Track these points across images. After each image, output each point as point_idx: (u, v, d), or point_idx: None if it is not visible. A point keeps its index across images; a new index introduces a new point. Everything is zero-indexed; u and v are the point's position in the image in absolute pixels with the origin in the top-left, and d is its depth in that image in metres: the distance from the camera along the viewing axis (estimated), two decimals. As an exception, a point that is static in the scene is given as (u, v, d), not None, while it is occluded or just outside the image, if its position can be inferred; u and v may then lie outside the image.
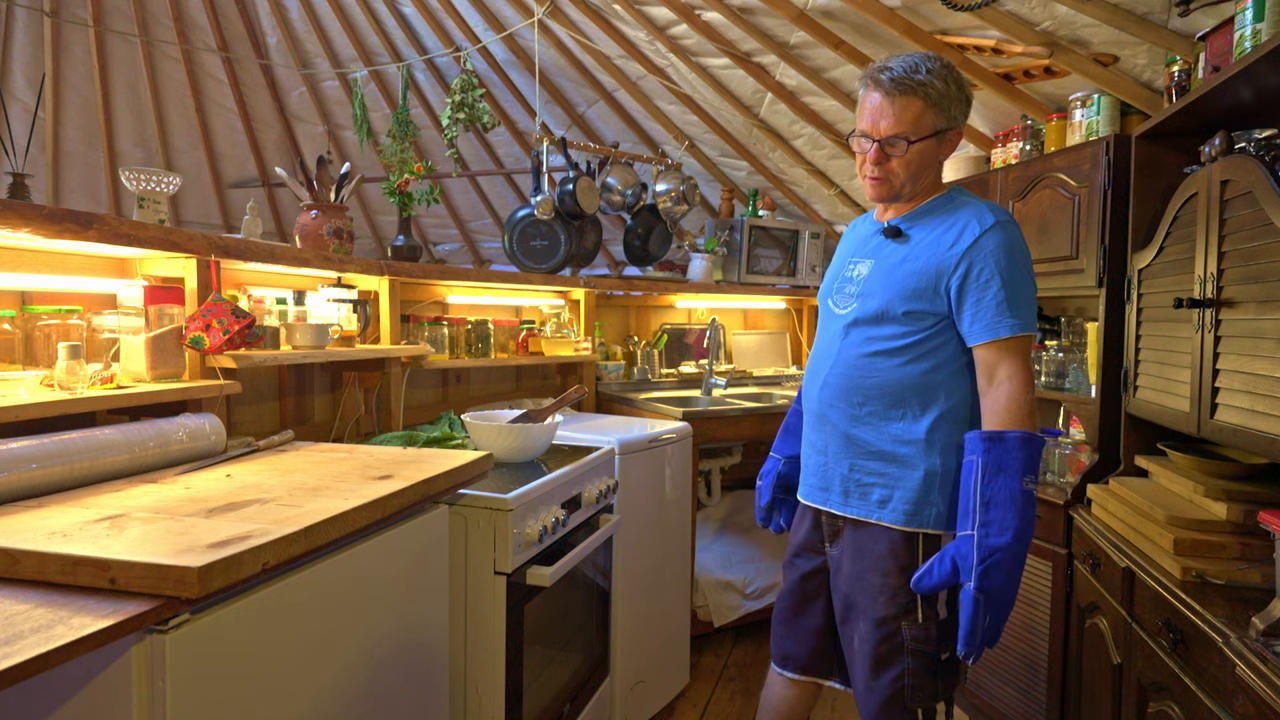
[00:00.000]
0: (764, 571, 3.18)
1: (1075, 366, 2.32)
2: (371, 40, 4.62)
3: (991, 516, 1.26)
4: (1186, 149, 1.87)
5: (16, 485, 1.20)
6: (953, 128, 1.45)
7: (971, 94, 1.49)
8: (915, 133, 1.42)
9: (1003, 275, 1.37)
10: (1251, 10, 1.56)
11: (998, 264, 1.37)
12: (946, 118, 1.43)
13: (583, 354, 2.97)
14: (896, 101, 1.41)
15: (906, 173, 1.45)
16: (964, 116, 1.47)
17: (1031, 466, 1.30)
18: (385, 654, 1.32)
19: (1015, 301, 1.37)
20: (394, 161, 2.88)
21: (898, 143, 1.42)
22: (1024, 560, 1.27)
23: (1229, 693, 1.21)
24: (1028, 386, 1.35)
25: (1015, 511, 1.26)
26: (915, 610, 1.42)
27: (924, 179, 1.49)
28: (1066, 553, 2.09)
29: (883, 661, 1.45)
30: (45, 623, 0.84)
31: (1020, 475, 1.27)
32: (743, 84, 3.35)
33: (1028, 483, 1.28)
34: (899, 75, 1.40)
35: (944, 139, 1.46)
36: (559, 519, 1.82)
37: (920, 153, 1.44)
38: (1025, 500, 1.27)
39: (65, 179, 4.87)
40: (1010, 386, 1.35)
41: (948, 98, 1.41)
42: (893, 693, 1.44)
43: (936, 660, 1.44)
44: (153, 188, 1.92)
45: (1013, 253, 1.38)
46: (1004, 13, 2.25)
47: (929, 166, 1.47)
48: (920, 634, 1.43)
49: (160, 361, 1.60)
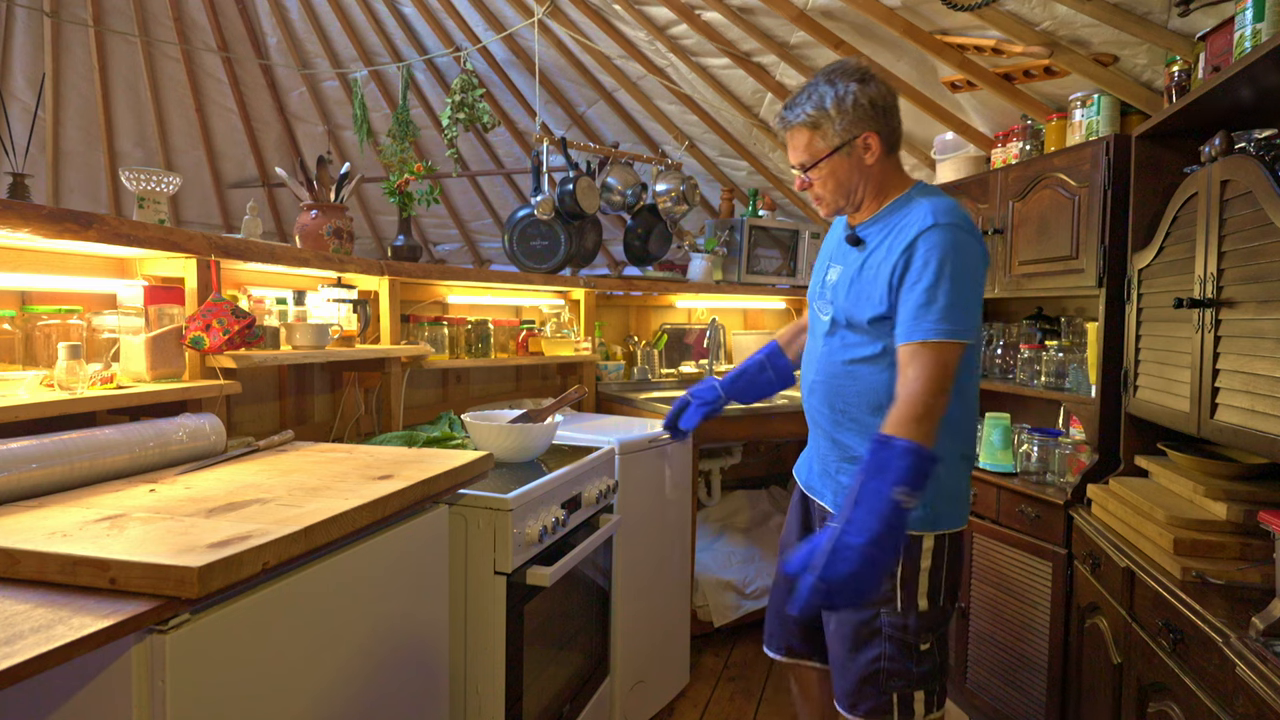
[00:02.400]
0: (764, 571, 3.18)
1: (1075, 366, 2.32)
2: (371, 40, 4.62)
3: (855, 515, 1.24)
4: (1186, 149, 1.87)
5: (16, 485, 1.20)
6: (857, 136, 1.45)
7: (881, 93, 1.46)
8: (811, 158, 1.49)
9: (932, 277, 1.34)
10: (1251, 10, 1.56)
11: (927, 265, 1.35)
12: (839, 133, 1.45)
13: (583, 354, 2.97)
14: (789, 136, 1.52)
15: (832, 190, 1.50)
16: (871, 119, 1.45)
17: (909, 479, 1.24)
18: (385, 654, 1.32)
19: (939, 306, 1.32)
20: (394, 161, 2.88)
21: (804, 170, 1.51)
22: (879, 566, 1.22)
23: (1229, 693, 1.21)
24: (931, 393, 1.30)
25: (877, 517, 1.22)
26: (895, 599, 1.47)
27: (862, 188, 1.50)
28: (1066, 553, 2.09)
29: (860, 644, 1.49)
30: (45, 623, 0.84)
31: (893, 484, 1.24)
32: (743, 84, 3.35)
33: (899, 493, 1.23)
34: (783, 114, 1.50)
35: (854, 149, 1.46)
36: (559, 519, 1.82)
37: (831, 171, 1.48)
38: (892, 509, 1.23)
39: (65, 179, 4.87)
40: (912, 389, 1.32)
41: (832, 115, 1.44)
42: (869, 673, 1.49)
43: (914, 648, 1.47)
44: (153, 188, 1.92)
45: (948, 256, 1.34)
46: (1004, 13, 2.25)
47: (857, 177, 1.49)
48: (899, 621, 1.47)
49: (160, 361, 1.60)
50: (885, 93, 1.46)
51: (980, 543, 2.41)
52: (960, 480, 1.53)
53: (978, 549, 2.42)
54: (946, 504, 1.49)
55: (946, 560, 1.50)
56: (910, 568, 1.47)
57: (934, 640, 1.49)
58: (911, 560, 1.47)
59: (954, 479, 1.50)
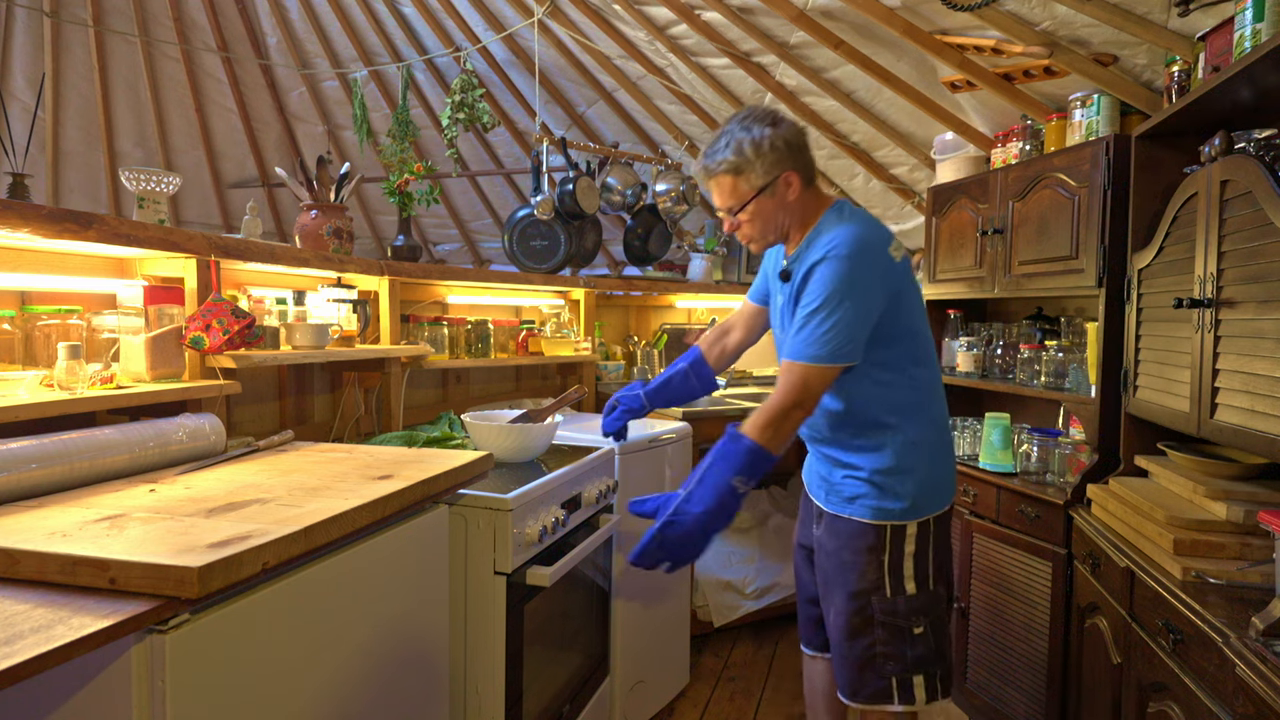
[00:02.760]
0: (764, 571, 3.18)
1: (1075, 366, 2.32)
2: (371, 40, 4.62)
3: (696, 491, 1.42)
4: (1186, 149, 1.87)
5: (16, 485, 1.20)
6: (778, 175, 1.54)
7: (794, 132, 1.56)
8: (739, 201, 1.58)
9: (813, 305, 1.46)
10: (1251, 10, 1.56)
11: (813, 294, 1.46)
12: (761, 174, 1.54)
13: (583, 354, 2.97)
14: (712, 184, 1.61)
15: (760, 229, 1.61)
16: (789, 158, 1.54)
17: (749, 472, 1.43)
18: (385, 654, 1.32)
19: (811, 332, 1.45)
20: (394, 161, 2.88)
21: (732, 213, 1.60)
22: (706, 535, 1.42)
23: (1229, 693, 1.21)
24: (786, 407, 1.44)
25: (715, 496, 1.41)
26: (884, 586, 1.56)
27: (787, 222, 1.60)
28: (1066, 553, 2.09)
29: (855, 631, 1.58)
30: (45, 623, 0.84)
31: (734, 473, 1.42)
32: (743, 84, 3.35)
33: (737, 481, 1.42)
34: (704, 163, 1.61)
35: (776, 188, 1.55)
36: (559, 519, 1.82)
37: (758, 211, 1.58)
38: (729, 492, 1.42)
39: (65, 179, 4.87)
40: (773, 400, 1.46)
41: (754, 160, 1.53)
42: (865, 659, 1.57)
43: (908, 632, 1.56)
44: (153, 188, 1.92)
45: (830, 287, 1.44)
46: (1004, 13, 2.25)
47: (782, 214, 1.59)
48: (889, 607, 1.55)
49: (160, 361, 1.60)
50: (797, 132, 1.57)
51: (980, 543, 2.41)
52: (932, 465, 1.60)
53: (978, 549, 2.42)
54: (924, 491, 1.58)
55: (931, 544, 1.59)
56: (896, 555, 1.56)
57: (927, 624, 1.57)
58: (897, 547, 1.56)
59: (925, 464, 1.58)
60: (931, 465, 1.59)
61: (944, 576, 1.62)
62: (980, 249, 2.64)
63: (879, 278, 1.48)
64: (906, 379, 1.57)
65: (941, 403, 1.66)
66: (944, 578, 1.61)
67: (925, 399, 1.61)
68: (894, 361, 1.55)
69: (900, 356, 1.56)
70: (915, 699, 1.56)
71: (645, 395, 1.95)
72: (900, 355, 1.56)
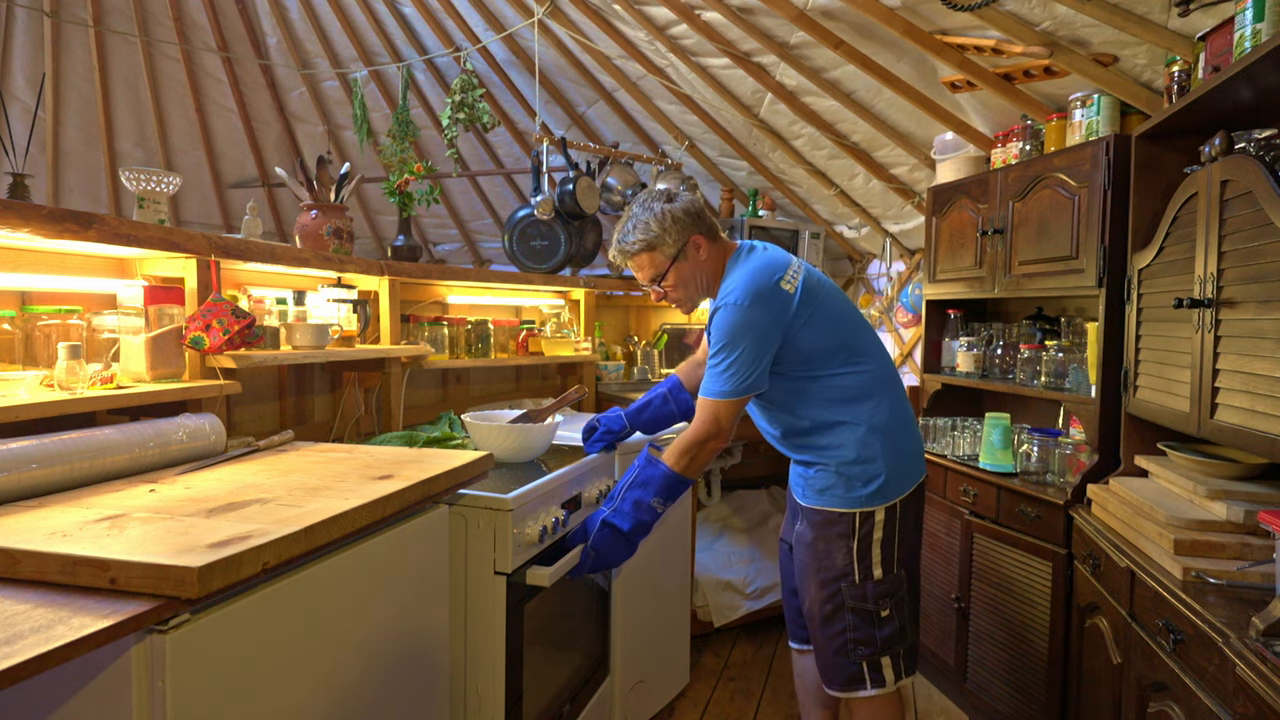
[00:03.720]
0: (764, 571, 3.18)
1: (1075, 366, 2.32)
2: (371, 40, 4.62)
3: (620, 507, 1.70)
4: (1186, 149, 1.87)
5: (16, 485, 1.20)
6: (687, 240, 1.74)
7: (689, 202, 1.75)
8: (658, 272, 1.77)
9: (714, 349, 1.66)
10: (1251, 10, 1.56)
11: (714, 340, 1.67)
12: (674, 244, 1.74)
13: (583, 354, 2.97)
14: (631, 263, 1.80)
15: (684, 291, 1.79)
16: (692, 225, 1.74)
17: (665, 494, 1.69)
18: (385, 654, 1.32)
19: (713, 372, 1.66)
20: (394, 161, 2.88)
21: (656, 283, 1.79)
22: (629, 546, 1.71)
23: (1229, 693, 1.21)
24: (704, 438, 1.67)
25: (635, 514, 1.69)
26: (853, 572, 1.67)
27: (705, 279, 1.78)
28: (1066, 553, 2.09)
29: (828, 618, 1.70)
30: (45, 623, 0.84)
31: (653, 495, 1.68)
32: (743, 84, 3.35)
33: (655, 502, 1.68)
34: (620, 247, 1.78)
35: (686, 253, 1.75)
36: (559, 519, 1.82)
37: (678, 276, 1.77)
38: (649, 511, 1.69)
39: (65, 179, 4.86)
40: (689, 432, 1.69)
41: (662, 234, 1.73)
42: (838, 645, 1.69)
43: (875, 615, 1.67)
44: (153, 188, 1.92)
45: (722, 334, 1.64)
46: (1004, 13, 2.25)
47: (698, 273, 1.77)
48: (858, 592, 1.67)
49: (160, 361, 1.60)
50: (690, 201, 1.77)
51: (980, 543, 2.41)
52: (893, 448, 1.70)
53: (978, 549, 2.42)
54: (889, 476, 1.68)
55: (898, 529, 1.70)
56: (864, 543, 1.67)
57: (892, 606, 1.68)
58: (865, 535, 1.68)
59: (885, 449, 1.69)
60: (891, 449, 1.70)
61: (907, 559, 1.73)
62: (980, 249, 2.64)
63: (771, 315, 1.64)
64: (845, 379, 1.70)
65: (892, 388, 1.76)
66: (907, 560, 1.72)
67: (871, 389, 1.71)
68: (825, 366, 1.70)
69: (829, 362, 1.70)
70: (885, 680, 1.67)
71: (626, 417, 2.09)
72: (829, 361, 1.70)
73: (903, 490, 1.71)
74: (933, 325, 3.02)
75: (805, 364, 1.69)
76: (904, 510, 1.71)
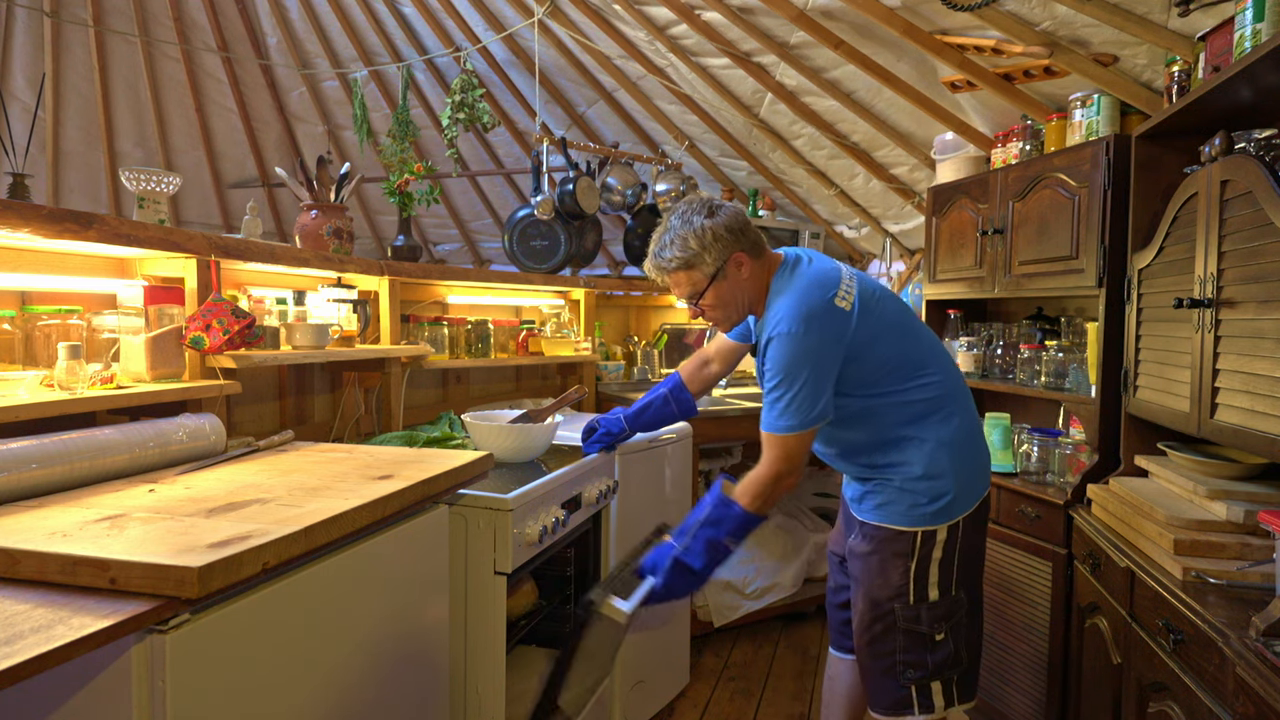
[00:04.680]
0: (764, 571, 3.18)
1: (1075, 366, 2.32)
2: (371, 40, 4.62)
3: (693, 546, 1.56)
4: (1186, 149, 1.87)
5: (16, 485, 1.20)
6: (728, 259, 1.59)
7: (731, 215, 1.60)
8: (696, 291, 1.63)
9: (772, 381, 1.54)
10: (1251, 10, 1.56)
11: (770, 371, 1.55)
12: (713, 261, 1.59)
13: (583, 354, 2.97)
14: (668, 279, 1.65)
15: (724, 311, 1.66)
16: (734, 242, 1.59)
17: (738, 534, 1.57)
18: (385, 654, 1.32)
19: (775, 406, 1.54)
20: (394, 161, 2.87)
21: (693, 300, 1.65)
22: (700, 582, 1.57)
23: (1229, 693, 1.21)
24: (778, 475, 1.55)
25: (707, 554, 1.55)
26: (908, 593, 1.59)
27: (748, 298, 1.65)
28: (1066, 553, 2.09)
29: (878, 638, 1.62)
30: (45, 623, 0.84)
31: (726, 535, 1.56)
32: (743, 84, 3.35)
33: (728, 541, 1.56)
34: (654, 262, 1.65)
35: (725, 271, 1.60)
36: (559, 519, 1.82)
37: (717, 296, 1.63)
38: (722, 550, 1.56)
39: (65, 179, 4.86)
40: (759, 471, 1.57)
41: (701, 252, 1.58)
42: (886, 665, 1.61)
43: (929, 638, 1.59)
44: (153, 188, 1.92)
45: (780, 364, 1.52)
46: (1004, 13, 2.25)
47: (740, 292, 1.63)
48: (911, 614, 1.59)
49: (160, 361, 1.60)
50: (734, 214, 1.61)
51: (980, 543, 2.41)
52: (963, 463, 1.61)
53: (978, 549, 2.42)
54: (955, 493, 1.59)
55: (958, 548, 1.61)
56: (923, 563, 1.59)
57: (948, 629, 1.60)
58: (925, 555, 1.59)
59: (954, 465, 1.60)
60: (962, 464, 1.61)
61: (968, 580, 1.64)
62: (980, 249, 2.64)
63: (828, 339, 1.53)
64: (912, 393, 1.60)
65: (960, 398, 1.66)
66: (967, 581, 1.64)
67: (940, 401, 1.62)
68: (891, 384, 1.60)
69: (894, 378, 1.60)
70: (934, 706, 1.59)
71: (626, 419, 2.05)
72: (893, 377, 1.60)
73: (968, 507, 1.62)
74: (933, 325, 3.02)
75: (868, 383, 1.59)
76: (967, 528, 1.62)
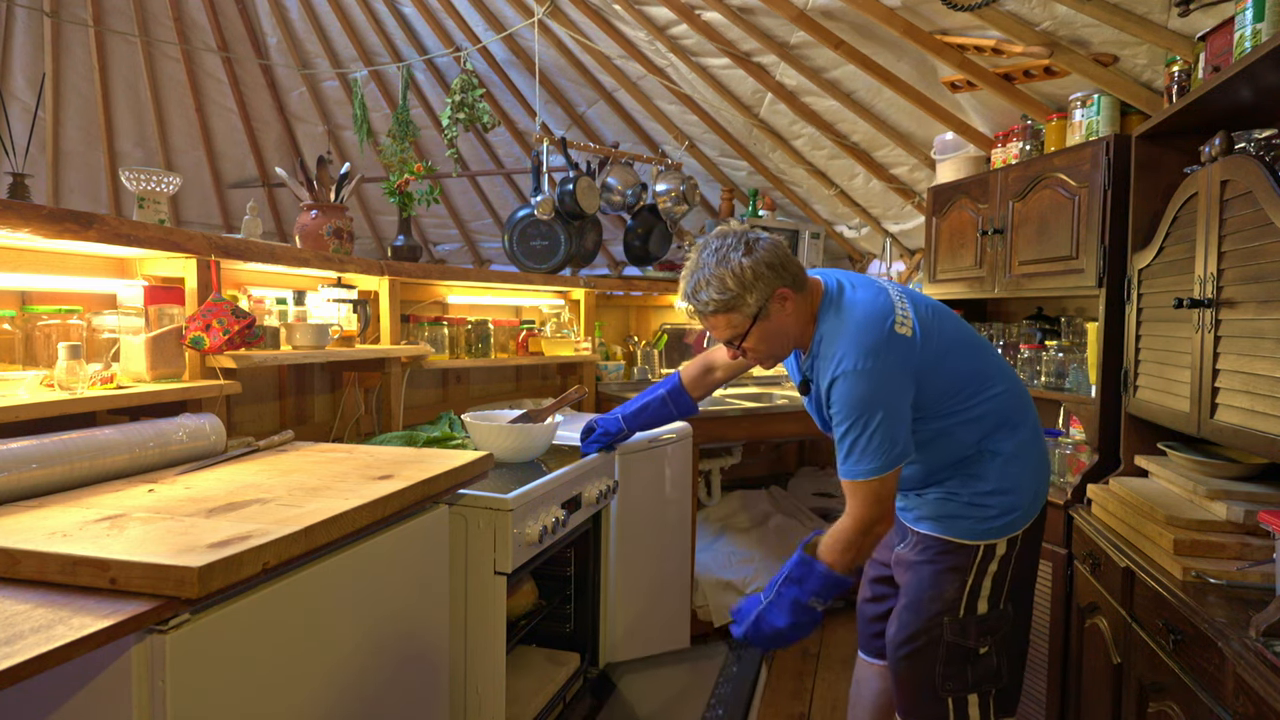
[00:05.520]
0: (764, 571, 3.18)
1: (1075, 366, 2.32)
2: (371, 40, 4.62)
3: (776, 603, 1.52)
4: (1186, 149, 1.87)
5: (16, 485, 1.20)
6: (770, 297, 1.47)
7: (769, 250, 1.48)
8: (737, 333, 1.52)
9: (844, 428, 1.45)
10: (1251, 10, 1.56)
11: (839, 417, 1.45)
12: (755, 302, 1.47)
13: (583, 354, 2.97)
14: (708, 321, 1.53)
15: (767, 349, 1.56)
16: (775, 278, 1.47)
17: (823, 594, 1.50)
18: (385, 653, 1.32)
19: (853, 452, 1.44)
20: (394, 161, 2.87)
21: (732, 343, 1.54)
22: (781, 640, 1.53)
23: (1229, 693, 1.20)
24: (869, 522, 1.45)
25: (792, 611, 1.50)
26: (959, 606, 1.54)
27: (794, 334, 1.55)
28: (1066, 553, 2.09)
29: (921, 650, 1.56)
30: (45, 623, 0.84)
31: (809, 595, 1.50)
32: (743, 84, 3.35)
33: (814, 602, 1.50)
34: (691, 303, 1.53)
35: (768, 310, 1.49)
36: (559, 519, 1.82)
37: (760, 336, 1.52)
38: (805, 611, 1.50)
39: (65, 179, 4.86)
40: (843, 524, 1.48)
41: (742, 294, 1.46)
42: (924, 677, 1.56)
43: (973, 653, 1.55)
44: (153, 188, 1.92)
45: (851, 408, 1.43)
46: (1004, 13, 2.25)
47: (783, 329, 1.53)
48: (958, 627, 1.54)
49: (160, 361, 1.60)
50: (771, 248, 1.48)
51: (980, 543, 2.41)
52: (1031, 475, 1.58)
53: (978, 549, 2.42)
54: (1021, 505, 1.56)
55: (1013, 562, 1.56)
56: (980, 575, 1.55)
57: (992, 643, 1.55)
58: (983, 567, 1.55)
59: (1023, 477, 1.56)
60: (1031, 476, 1.58)
61: (1018, 594, 1.59)
62: (980, 249, 2.64)
63: (896, 370, 1.44)
64: (980, 408, 1.54)
65: (1026, 406, 1.62)
66: (1017, 595, 1.59)
67: (1007, 413, 1.57)
68: (960, 402, 1.53)
69: (963, 395, 1.53)
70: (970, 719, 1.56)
71: (624, 419, 2.04)
72: (963, 394, 1.53)
73: (1030, 519, 1.57)
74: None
75: (939, 406, 1.52)
76: (1025, 541, 1.57)
